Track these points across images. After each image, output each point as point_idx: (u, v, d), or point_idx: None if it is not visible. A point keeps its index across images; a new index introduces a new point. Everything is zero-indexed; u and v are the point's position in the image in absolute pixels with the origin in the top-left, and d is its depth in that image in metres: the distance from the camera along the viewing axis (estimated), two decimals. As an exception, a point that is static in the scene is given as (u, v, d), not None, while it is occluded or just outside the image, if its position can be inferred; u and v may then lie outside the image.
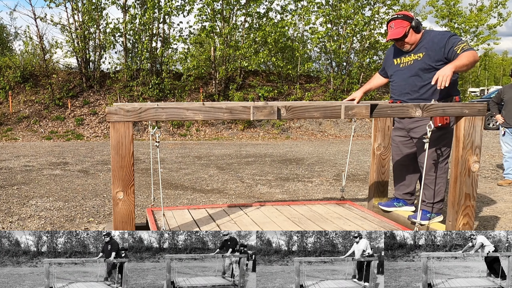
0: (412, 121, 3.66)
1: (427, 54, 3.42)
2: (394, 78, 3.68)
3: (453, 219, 3.20)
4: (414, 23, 3.42)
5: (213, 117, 2.80)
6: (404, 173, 3.95)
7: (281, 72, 18.90)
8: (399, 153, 3.91)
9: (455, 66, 3.06)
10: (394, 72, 3.67)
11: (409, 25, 3.42)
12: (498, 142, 10.01)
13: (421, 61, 3.46)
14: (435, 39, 3.40)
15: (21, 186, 6.87)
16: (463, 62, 3.12)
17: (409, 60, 3.53)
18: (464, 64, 3.12)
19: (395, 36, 3.44)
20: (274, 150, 12.01)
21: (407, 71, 3.55)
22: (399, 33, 3.42)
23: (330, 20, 18.06)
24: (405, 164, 3.90)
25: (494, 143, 12.72)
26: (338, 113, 2.89)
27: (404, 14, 3.46)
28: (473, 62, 3.18)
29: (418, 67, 3.48)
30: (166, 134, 15.32)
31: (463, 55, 3.17)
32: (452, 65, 3.06)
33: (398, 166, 3.96)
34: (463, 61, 3.12)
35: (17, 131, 14.92)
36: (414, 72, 3.50)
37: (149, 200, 5.80)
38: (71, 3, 16.36)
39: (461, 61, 3.12)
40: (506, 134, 6.83)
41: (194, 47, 19.57)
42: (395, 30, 3.45)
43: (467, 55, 3.16)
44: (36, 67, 17.43)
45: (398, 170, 3.99)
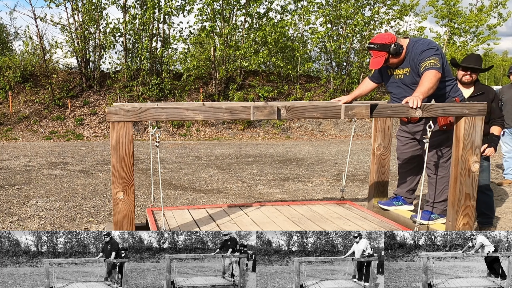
0: (416, 125, 3.66)
1: (412, 69, 3.46)
2: (391, 89, 3.69)
3: (453, 219, 3.20)
4: (391, 50, 3.38)
5: (213, 117, 2.80)
6: (408, 171, 3.97)
7: (281, 72, 18.89)
8: (404, 152, 3.91)
9: (422, 93, 3.05)
10: (390, 83, 3.68)
11: (387, 54, 3.41)
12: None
13: (409, 76, 3.49)
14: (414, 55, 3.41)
15: (21, 186, 6.87)
16: (427, 86, 3.11)
17: (401, 73, 3.56)
18: (429, 88, 3.12)
19: (376, 66, 3.46)
20: (274, 150, 12.01)
21: (401, 83, 3.57)
22: (379, 63, 3.43)
23: (330, 20, 18.06)
24: (409, 162, 3.92)
25: (494, 143, 12.70)
26: (338, 113, 2.89)
27: (380, 43, 3.40)
28: (436, 83, 3.17)
29: (408, 81, 3.51)
30: (166, 134, 15.32)
31: (425, 79, 3.17)
32: (419, 93, 3.05)
33: (403, 164, 3.98)
34: (426, 85, 3.12)
35: (17, 131, 14.91)
36: (407, 85, 3.52)
37: (149, 200, 5.80)
38: (71, 3, 16.35)
39: (424, 86, 3.12)
40: (505, 134, 6.82)
41: (194, 47, 19.56)
42: (374, 59, 3.46)
43: (429, 78, 3.16)
44: (36, 67, 17.41)
45: (402, 168, 4.00)
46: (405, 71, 3.49)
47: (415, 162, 3.87)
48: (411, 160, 3.89)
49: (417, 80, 3.37)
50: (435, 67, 3.20)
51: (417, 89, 3.12)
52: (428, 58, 3.26)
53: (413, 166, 3.91)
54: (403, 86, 3.53)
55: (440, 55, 3.31)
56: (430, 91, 3.12)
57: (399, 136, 3.95)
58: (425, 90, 3.08)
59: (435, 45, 3.41)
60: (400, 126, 3.93)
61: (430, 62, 3.23)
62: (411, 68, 3.43)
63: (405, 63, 3.48)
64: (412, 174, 3.96)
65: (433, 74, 3.17)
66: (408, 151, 3.88)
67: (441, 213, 3.66)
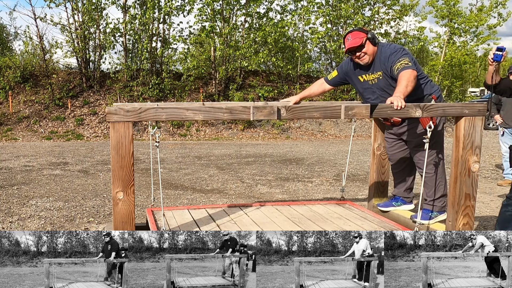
0: (400, 127, 3.68)
1: (384, 73, 3.48)
2: (366, 95, 3.70)
3: (453, 219, 3.20)
4: (370, 34, 3.47)
5: (213, 117, 2.80)
6: (401, 171, 3.99)
7: (281, 72, 18.89)
8: (393, 153, 3.94)
9: (402, 93, 3.07)
10: (364, 90, 3.69)
11: (366, 36, 3.46)
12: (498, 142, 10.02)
13: (383, 79, 3.51)
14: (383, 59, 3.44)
15: (21, 186, 6.87)
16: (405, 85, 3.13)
17: (374, 78, 3.57)
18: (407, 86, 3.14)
19: (354, 44, 3.46)
20: (274, 150, 12.01)
21: (376, 88, 3.59)
22: (357, 42, 3.45)
23: (330, 20, 18.06)
24: (401, 162, 3.94)
25: (494, 143, 12.72)
26: (338, 113, 2.89)
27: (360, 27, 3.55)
28: (413, 81, 3.20)
29: (382, 85, 3.53)
30: (166, 134, 15.32)
31: (402, 79, 3.19)
32: (399, 93, 3.07)
33: (395, 165, 4.00)
34: (404, 84, 3.14)
35: (17, 131, 14.91)
36: (382, 89, 3.54)
37: (149, 200, 5.80)
38: (71, 3, 16.36)
39: (402, 85, 3.14)
40: (505, 134, 6.83)
41: (194, 47, 19.56)
42: (352, 40, 3.48)
43: (405, 77, 3.18)
44: (36, 67, 17.41)
45: (395, 168, 4.03)
46: (378, 75, 3.53)
47: (407, 161, 3.89)
48: (402, 160, 3.91)
49: (391, 83, 3.41)
50: (409, 66, 3.25)
51: (396, 89, 3.15)
52: (398, 60, 3.31)
53: (406, 165, 3.93)
54: (379, 91, 3.56)
55: (408, 54, 3.36)
56: (409, 89, 3.15)
57: (386, 138, 3.99)
58: (404, 89, 3.10)
59: (401, 47, 3.47)
60: (386, 130, 3.97)
61: (402, 63, 3.27)
62: (383, 71, 3.48)
63: (376, 67, 3.52)
64: (406, 173, 3.98)
65: (409, 73, 3.21)
66: (398, 152, 3.90)
67: (440, 210, 3.67)
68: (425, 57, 24.55)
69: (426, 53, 24.82)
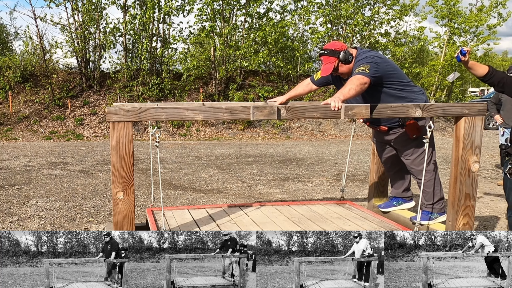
0: (385, 135, 3.69)
1: None
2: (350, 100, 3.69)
3: (453, 219, 3.21)
4: (341, 56, 3.42)
5: (213, 117, 2.80)
6: (396, 173, 3.99)
7: (281, 72, 18.89)
8: (384, 157, 3.95)
9: (342, 94, 3.06)
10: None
11: (337, 60, 3.44)
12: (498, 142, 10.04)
13: None
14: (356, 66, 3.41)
15: (21, 186, 6.87)
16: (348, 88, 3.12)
17: None
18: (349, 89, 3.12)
19: (325, 73, 3.48)
20: (274, 150, 12.01)
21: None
22: (328, 70, 3.46)
23: (330, 20, 18.06)
24: (394, 165, 3.94)
25: (494, 143, 12.72)
26: (338, 113, 2.90)
27: (331, 49, 3.45)
28: (358, 85, 3.16)
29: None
30: (166, 134, 15.32)
31: (348, 82, 3.19)
32: (339, 94, 3.07)
33: (389, 168, 4.02)
34: (347, 87, 3.13)
35: (17, 131, 14.91)
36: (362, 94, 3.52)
37: (149, 200, 5.80)
38: (71, 3, 16.35)
39: (346, 88, 3.12)
40: (505, 134, 6.82)
41: (194, 47, 19.56)
42: (324, 66, 3.49)
43: (351, 82, 3.18)
44: (36, 67, 17.41)
45: (390, 171, 4.04)
46: None
47: (400, 163, 3.87)
48: (394, 163, 3.92)
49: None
50: (361, 73, 3.23)
51: (339, 91, 3.16)
52: (359, 66, 3.30)
53: (399, 168, 3.92)
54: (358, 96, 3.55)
55: (374, 63, 3.30)
56: (352, 92, 3.12)
57: (376, 142, 3.98)
58: (345, 91, 3.10)
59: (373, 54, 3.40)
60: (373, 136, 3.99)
61: (359, 69, 3.26)
62: None
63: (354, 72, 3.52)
64: (401, 175, 3.98)
65: (356, 78, 3.20)
66: (389, 155, 3.90)
67: (439, 211, 3.67)
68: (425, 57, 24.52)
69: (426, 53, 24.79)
